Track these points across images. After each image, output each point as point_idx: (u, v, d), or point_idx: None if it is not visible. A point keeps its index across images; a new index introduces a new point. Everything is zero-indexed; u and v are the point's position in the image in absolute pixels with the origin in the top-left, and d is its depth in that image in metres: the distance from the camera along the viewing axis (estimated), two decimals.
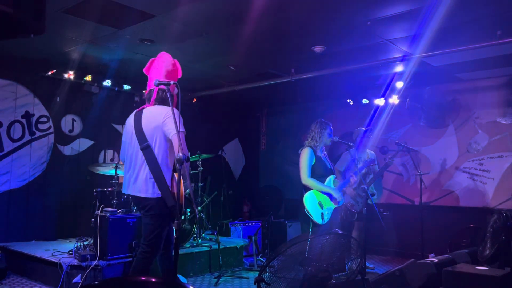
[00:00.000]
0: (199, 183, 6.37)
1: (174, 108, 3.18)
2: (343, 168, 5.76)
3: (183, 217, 5.69)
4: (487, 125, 6.62)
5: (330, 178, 4.73)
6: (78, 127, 6.67)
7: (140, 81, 6.82)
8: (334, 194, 4.61)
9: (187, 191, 5.81)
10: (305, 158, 4.68)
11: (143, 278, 1.57)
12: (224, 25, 4.74)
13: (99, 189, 5.46)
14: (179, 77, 3.66)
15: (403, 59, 5.49)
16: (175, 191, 3.36)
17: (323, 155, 4.82)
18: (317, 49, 5.39)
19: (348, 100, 7.69)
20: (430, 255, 5.89)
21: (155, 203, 3.42)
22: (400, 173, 7.42)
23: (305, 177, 4.63)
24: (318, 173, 4.67)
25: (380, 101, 7.16)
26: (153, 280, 1.57)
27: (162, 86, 3.35)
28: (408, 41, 5.07)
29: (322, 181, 4.66)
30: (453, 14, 4.24)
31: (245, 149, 9.37)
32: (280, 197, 8.70)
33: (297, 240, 3.06)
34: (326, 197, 4.63)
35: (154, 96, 3.58)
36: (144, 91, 4.01)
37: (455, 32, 4.75)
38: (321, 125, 4.79)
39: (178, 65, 3.69)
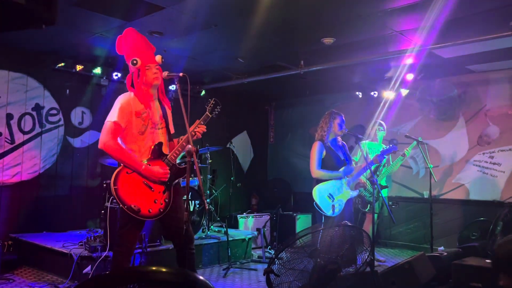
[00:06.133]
0: (208, 176, 6.40)
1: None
2: (356, 158, 5.82)
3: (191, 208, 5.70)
4: (498, 118, 6.54)
5: (341, 170, 4.71)
6: (87, 120, 6.71)
7: None
8: (343, 177, 4.62)
9: (196, 183, 5.84)
10: (313, 151, 4.67)
11: (154, 268, 1.58)
12: (233, 17, 4.73)
13: (108, 181, 5.48)
14: (121, 53, 3.46)
15: (413, 51, 5.44)
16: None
17: (336, 146, 4.78)
18: (326, 41, 5.35)
19: (357, 93, 7.64)
20: (439, 248, 5.87)
21: None
22: (409, 166, 7.38)
23: (314, 169, 4.62)
24: (330, 164, 4.64)
25: (389, 94, 7.11)
26: (163, 270, 1.57)
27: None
28: (418, 33, 5.01)
29: None
30: (464, 5, 4.19)
31: (254, 142, 9.37)
32: (288, 190, 8.70)
33: (306, 232, 3.06)
34: (337, 189, 4.61)
35: None
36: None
37: (466, 23, 4.69)
38: (330, 116, 4.76)
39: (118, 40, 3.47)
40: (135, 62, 3.14)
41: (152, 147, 3.23)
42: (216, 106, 3.38)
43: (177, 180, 3.30)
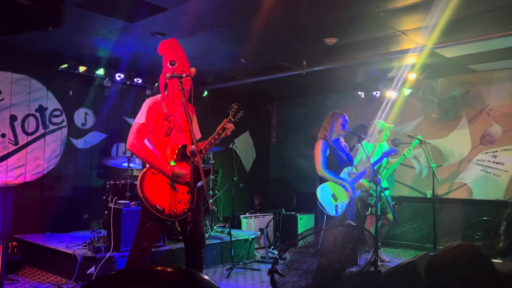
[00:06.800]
0: (211, 176, 6.40)
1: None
2: (356, 160, 5.78)
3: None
4: (501, 117, 6.53)
5: (345, 170, 4.70)
6: (90, 121, 6.73)
7: (152, 74, 6.86)
8: (348, 187, 4.60)
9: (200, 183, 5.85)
10: (318, 149, 4.66)
11: (159, 268, 1.59)
12: (235, 18, 4.74)
13: (112, 182, 5.51)
14: (161, 54, 3.48)
15: (416, 50, 5.44)
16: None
17: (339, 146, 4.78)
18: (329, 41, 5.36)
19: (359, 93, 7.64)
20: None
21: None
22: (412, 165, 7.37)
23: (321, 168, 4.61)
24: (333, 164, 4.64)
25: (392, 94, 7.10)
26: (169, 269, 1.58)
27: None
28: (421, 32, 5.01)
29: (337, 173, 4.64)
30: (467, 4, 4.19)
31: (256, 142, 9.37)
32: (291, 190, 8.70)
33: (309, 232, 3.06)
34: (341, 189, 4.61)
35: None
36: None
37: (468, 22, 4.68)
38: (333, 116, 4.76)
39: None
40: (173, 63, 3.28)
41: (177, 149, 3.32)
42: (239, 111, 3.51)
43: (199, 182, 3.35)
